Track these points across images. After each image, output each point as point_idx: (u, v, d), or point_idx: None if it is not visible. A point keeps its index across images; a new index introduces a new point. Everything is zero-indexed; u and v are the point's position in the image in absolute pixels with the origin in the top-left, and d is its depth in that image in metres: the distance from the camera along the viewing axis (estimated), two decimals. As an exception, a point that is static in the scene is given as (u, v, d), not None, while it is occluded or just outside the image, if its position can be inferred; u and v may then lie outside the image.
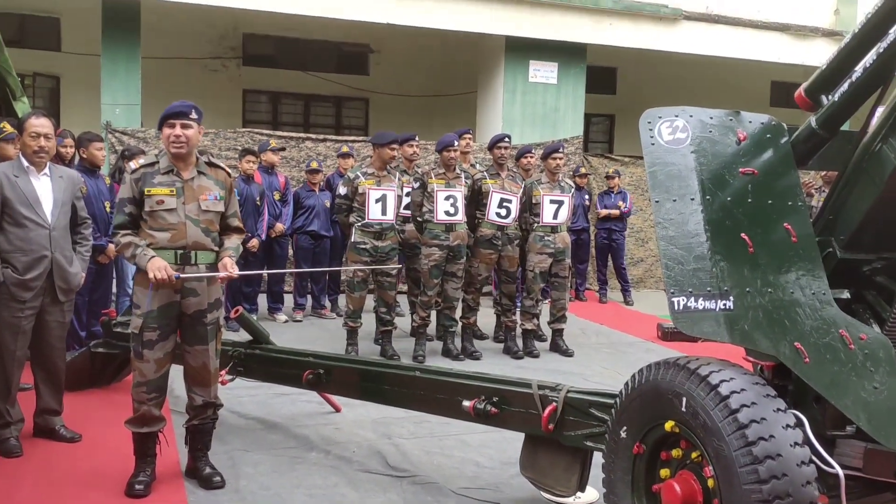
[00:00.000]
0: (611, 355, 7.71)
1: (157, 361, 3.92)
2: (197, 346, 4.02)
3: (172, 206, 3.90)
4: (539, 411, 3.60)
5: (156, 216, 3.89)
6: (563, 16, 11.49)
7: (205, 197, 3.97)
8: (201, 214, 3.96)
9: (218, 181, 4.06)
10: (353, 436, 4.98)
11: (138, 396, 3.95)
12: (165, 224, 3.90)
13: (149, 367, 3.91)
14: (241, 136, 10.15)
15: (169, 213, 3.90)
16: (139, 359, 3.92)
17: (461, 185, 7.11)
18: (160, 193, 3.89)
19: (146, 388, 3.93)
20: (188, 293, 3.94)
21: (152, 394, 3.95)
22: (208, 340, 4.02)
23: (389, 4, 10.70)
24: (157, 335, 3.90)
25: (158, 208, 3.89)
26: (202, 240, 3.96)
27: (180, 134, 3.87)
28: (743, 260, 2.97)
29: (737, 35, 12.46)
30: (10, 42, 6.55)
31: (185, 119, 3.89)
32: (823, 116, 3.19)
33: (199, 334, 4.01)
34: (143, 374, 3.92)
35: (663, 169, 3.06)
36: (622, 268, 11.00)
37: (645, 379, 2.99)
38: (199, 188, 3.98)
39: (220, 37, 13.04)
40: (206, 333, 4.01)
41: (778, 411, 2.67)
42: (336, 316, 8.82)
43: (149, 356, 3.90)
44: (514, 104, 11.70)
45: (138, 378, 3.95)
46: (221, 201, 4.05)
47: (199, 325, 4.00)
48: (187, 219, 3.92)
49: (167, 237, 3.90)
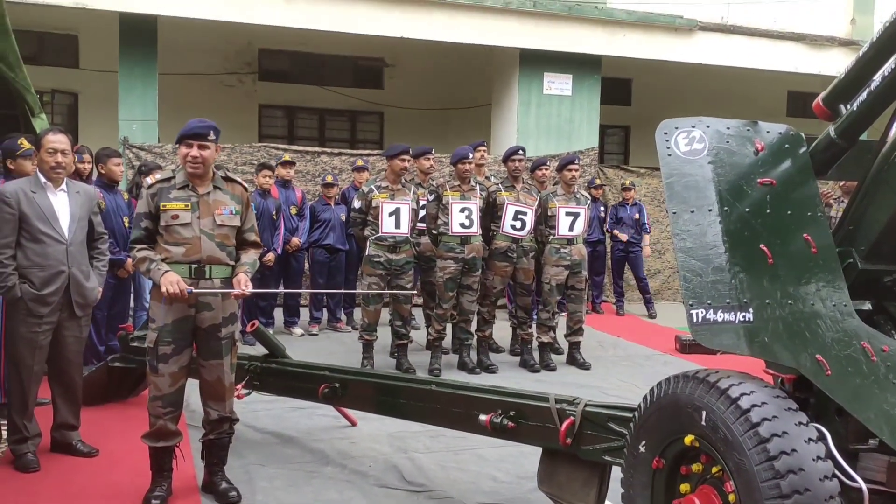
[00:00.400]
0: (628, 368, 7.66)
1: (171, 375, 3.93)
2: (212, 361, 4.02)
3: (187, 221, 3.91)
4: (557, 425, 3.57)
5: (171, 231, 3.91)
6: (577, 28, 11.49)
7: (220, 211, 3.98)
8: (216, 229, 3.97)
9: (234, 196, 4.07)
10: (368, 450, 4.96)
11: (154, 410, 3.96)
12: (180, 238, 3.91)
13: (164, 381, 3.92)
14: (256, 151, 10.19)
15: (184, 227, 3.91)
16: (154, 373, 3.93)
17: (476, 197, 7.10)
18: (175, 208, 3.91)
19: (161, 402, 3.94)
20: (203, 307, 3.95)
21: (168, 408, 3.95)
22: (223, 355, 4.03)
23: (403, 18, 10.74)
24: (172, 349, 3.91)
25: (173, 223, 3.91)
26: (217, 254, 3.97)
27: (197, 155, 3.90)
28: (762, 271, 2.93)
29: (752, 45, 12.41)
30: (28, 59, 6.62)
31: (202, 140, 3.91)
32: (842, 126, 3.15)
33: (213, 349, 4.01)
34: (158, 388, 3.93)
35: (680, 180, 3.04)
36: (643, 280, 10.91)
37: (664, 392, 2.95)
38: (215, 203, 3.99)
39: (236, 52, 13.14)
40: (220, 348, 4.02)
41: (800, 425, 2.63)
42: (352, 329, 8.82)
43: (163, 370, 3.91)
44: (529, 116, 11.69)
45: (154, 392, 3.95)
46: (237, 216, 4.06)
47: (213, 339, 4.00)
48: (202, 233, 3.93)
49: (182, 251, 3.92)
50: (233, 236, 4.06)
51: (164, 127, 10.45)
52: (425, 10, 10.81)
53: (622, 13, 11.60)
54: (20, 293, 4.36)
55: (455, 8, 10.90)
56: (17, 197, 4.39)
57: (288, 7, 10.27)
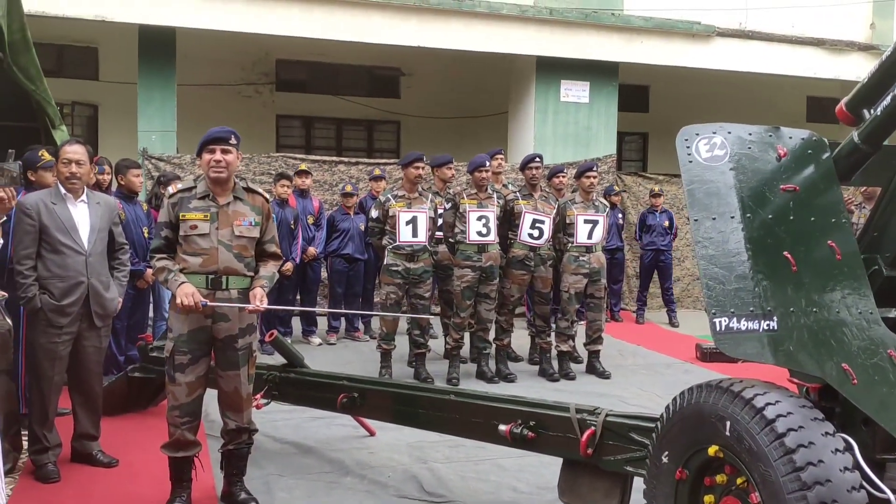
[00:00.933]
0: (648, 377, 7.59)
1: (188, 385, 3.93)
2: (229, 372, 4.02)
3: (205, 232, 3.92)
4: (577, 435, 3.53)
5: (189, 241, 3.93)
6: (594, 35, 11.45)
7: (239, 222, 3.99)
8: (234, 240, 3.97)
9: (255, 207, 4.07)
10: (387, 460, 4.93)
11: (172, 420, 3.97)
12: (198, 249, 3.92)
13: (181, 390, 3.93)
14: (274, 161, 10.23)
15: (202, 237, 3.92)
16: (172, 382, 3.95)
17: (493, 205, 7.08)
18: (194, 218, 3.92)
19: (179, 411, 3.95)
20: (219, 318, 3.95)
21: (185, 418, 3.96)
22: (240, 366, 4.02)
23: (419, 28, 10.76)
24: (188, 359, 3.92)
25: (192, 233, 3.92)
26: (234, 265, 3.97)
27: (220, 159, 3.91)
28: (786, 279, 2.89)
29: (771, 50, 12.32)
30: (49, 72, 6.67)
31: (225, 144, 3.93)
32: (866, 131, 3.10)
33: (230, 359, 4.01)
34: (175, 398, 3.95)
35: (702, 187, 3.01)
36: (669, 288, 10.82)
37: (687, 402, 2.91)
38: (234, 213, 3.99)
39: (254, 63, 13.21)
40: (237, 359, 4.01)
41: (826, 435, 2.59)
42: (369, 338, 8.81)
43: (180, 379, 3.92)
44: (546, 124, 11.66)
45: (172, 402, 3.97)
46: (257, 227, 4.05)
47: (229, 350, 4.00)
48: (219, 244, 3.94)
49: (199, 262, 3.92)
50: (251, 247, 4.05)
51: (183, 138, 10.51)
52: (441, 18, 10.82)
53: (639, 20, 11.56)
54: (40, 304, 4.38)
55: (471, 16, 10.90)
56: (38, 208, 4.42)
57: (305, 18, 10.32)
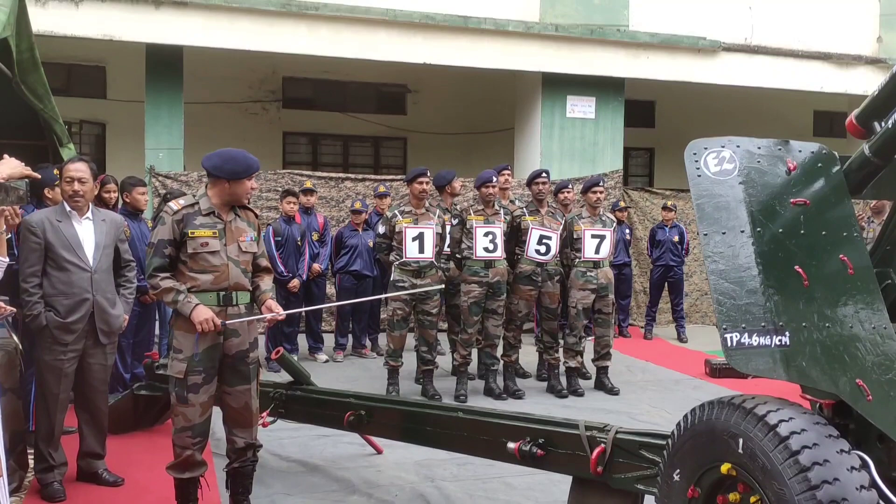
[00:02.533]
0: (658, 393, 7.53)
1: (202, 405, 3.90)
2: (239, 387, 3.99)
3: (216, 249, 3.90)
4: (587, 453, 3.49)
5: (198, 258, 3.88)
6: (600, 50, 11.46)
7: (243, 238, 4.01)
8: (241, 255, 3.98)
9: (250, 223, 4.10)
10: (395, 478, 4.89)
11: (182, 442, 3.91)
12: (209, 266, 3.89)
13: (194, 411, 3.88)
14: (281, 178, 10.25)
15: (213, 255, 3.90)
16: (184, 403, 3.88)
17: (500, 221, 7.06)
18: (204, 235, 3.89)
19: (191, 432, 3.90)
20: (230, 334, 3.94)
21: (197, 438, 3.92)
22: (251, 380, 4.02)
23: (425, 45, 10.78)
24: (203, 378, 3.88)
25: (203, 250, 3.88)
26: (242, 281, 3.98)
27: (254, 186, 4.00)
28: (798, 294, 2.85)
29: (777, 65, 12.30)
30: (57, 91, 6.69)
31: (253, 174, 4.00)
32: (877, 143, 3.07)
33: (242, 374, 4.00)
34: (187, 419, 3.89)
35: (711, 201, 2.98)
36: (679, 305, 10.75)
37: (698, 419, 2.87)
38: (238, 230, 4.01)
39: (260, 81, 13.26)
40: (248, 373, 4.01)
41: (841, 452, 2.54)
42: (377, 355, 8.77)
43: (194, 400, 3.88)
44: (553, 140, 11.66)
45: (182, 423, 3.90)
46: (255, 242, 4.09)
47: (241, 364, 3.99)
48: (229, 260, 3.93)
49: (210, 279, 3.90)
50: (251, 263, 4.09)
51: (190, 155, 10.53)
52: (447, 35, 10.84)
53: (645, 35, 11.56)
54: (45, 321, 4.37)
55: (477, 33, 10.92)
56: (43, 226, 4.42)
57: (311, 35, 10.35)
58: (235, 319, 3.91)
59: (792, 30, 12.23)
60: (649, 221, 11.58)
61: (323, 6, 10.21)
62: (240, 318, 3.94)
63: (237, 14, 10.02)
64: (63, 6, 9.50)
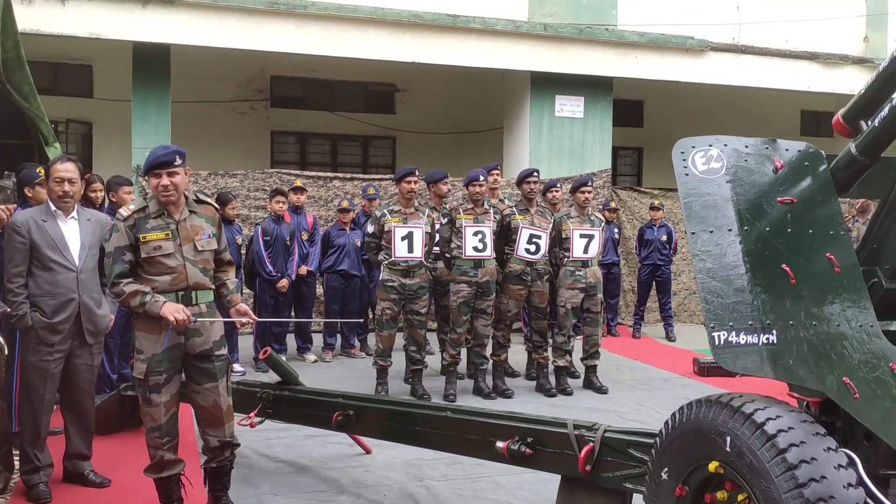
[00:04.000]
0: (646, 392, 7.55)
1: (165, 405, 3.89)
2: (206, 385, 3.97)
3: (170, 251, 3.88)
4: (575, 452, 3.49)
5: (153, 262, 3.86)
6: (588, 50, 11.48)
7: (199, 237, 3.96)
8: (198, 255, 3.96)
9: (209, 218, 4.06)
10: (383, 478, 4.88)
11: (153, 442, 3.93)
12: (164, 269, 3.87)
13: (158, 411, 3.88)
14: (269, 177, 10.21)
15: (167, 257, 3.87)
16: (148, 404, 3.88)
17: (490, 220, 7.05)
18: (156, 238, 3.86)
19: (158, 433, 3.90)
20: (192, 334, 3.92)
21: (165, 438, 3.92)
22: (218, 377, 3.99)
23: (414, 44, 10.77)
24: (164, 378, 3.87)
25: (156, 254, 3.85)
26: (201, 280, 3.96)
27: (167, 183, 3.86)
28: (785, 292, 2.86)
29: (765, 65, 12.35)
30: (44, 90, 6.65)
31: (170, 168, 3.88)
32: (864, 142, 3.08)
33: (207, 371, 3.97)
34: (153, 419, 3.89)
35: (698, 199, 2.98)
36: (667, 304, 10.78)
37: (686, 417, 2.87)
38: (193, 228, 3.97)
39: (248, 80, 13.21)
40: (214, 370, 3.98)
41: (829, 450, 2.55)
42: (366, 355, 8.75)
43: (157, 400, 3.87)
44: (541, 139, 11.67)
45: (150, 423, 3.91)
46: (214, 239, 4.04)
47: (206, 362, 3.97)
48: (185, 260, 3.91)
49: (168, 280, 3.88)
50: (212, 260, 4.05)
51: (178, 154, 10.48)
52: (436, 35, 10.83)
53: (633, 35, 11.59)
54: (31, 321, 4.34)
55: (465, 32, 10.92)
56: (28, 226, 4.38)
57: (299, 34, 10.32)
58: (207, 319, 3.90)
59: (779, 30, 12.28)
60: (637, 221, 11.61)
61: (311, 5, 10.18)
62: (202, 317, 3.92)
63: (225, 12, 9.98)
64: (49, 4, 9.44)
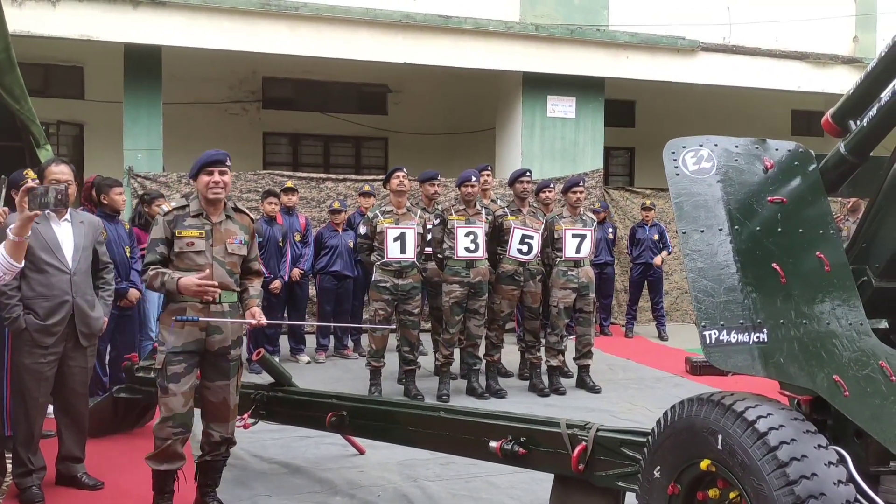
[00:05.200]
0: (639, 391, 7.57)
1: (183, 395, 3.98)
2: (219, 382, 4.09)
3: (201, 248, 4.03)
4: (568, 451, 3.51)
5: (184, 257, 4.02)
6: (580, 50, 11.51)
7: (231, 241, 4.12)
8: (227, 257, 4.09)
9: (243, 226, 4.22)
10: (377, 479, 4.88)
11: (163, 433, 3.98)
12: (193, 265, 4.01)
13: (176, 400, 3.96)
14: (261, 179, 10.20)
15: (197, 254, 4.03)
16: (165, 393, 3.98)
17: (482, 220, 7.07)
18: (190, 235, 4.03)
19: (172, 422, 3.97)
20: (213, 331, 4.04)
21: (178, 428, 3.99)
22: (230, 376, 4.12)
23: (406, 45, 10.78)
24: (183, 368, 3.98)
25: (188, 249, 4.02)
26: (226, 280, 4.08)
27: (219, 180, 4.05)
28: (775, 291, 2.89)
29: (755, 65, 12.41)
30: (34, 91, 6.64)
31: (222, 166, 4.08)
32: (853, 142, 3.11)
33: (222, 370, 4.09)
34: (170, 409, 3.97)
35: (689, 199, 3.00)
36: (659, 303, 10.82)
37: (678, 416, 2.89)
38: (227, 232, 4.12)
39: (240, 81, 13.20)
40: (228, 369, 4.11)
41: (819, 448, 2.57)
42: (359, 356, 8.75)
43: (175, 389, 3.96)
44: (533, 139, 11.69)
45: (164, 413, 3.99)
46: (245, 245, 4.19)
47: (223, 360, 4.09)
48: (214, 260, 4.05)
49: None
50: (240, 265, 4.19)
51: (169, 156, 10.48)
52: (428, 35, 10.85)
53: (624, 35, 11.63)
54: (24, 324, 4.33)
55: (457, 33, 10.93)
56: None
57: (292, 35, 10.32)
58: (217, 319, 4.00)
59: (770, 30, 12.34)
60: (630, 220, 11.64)
61: (303, 6, 10.18)
62: (223, 316, 4.04)
63: (217, 14, 9.97)
64: (40, 6, 9.42)
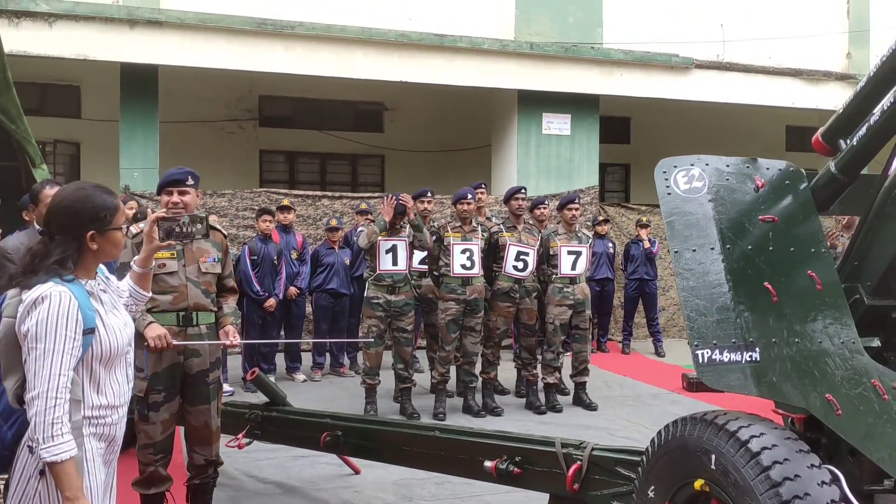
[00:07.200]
0: (636, 408, 7.56)
1: (163, 423, 3.96)
2: (199, 406, 4.07)
3: (174, 269, 3.98)
4: (563, 470, 3.50)
5: (157, 279, 3.91)
6: (575, 68, 11.57)
7: (204, 259, 4.06)
8: (201, 276, 4.05)
9: (216, 243, 4.15)
10: (373, 498, 4.86)
11: (145, 458, 3.98)
12: (167, 287, 3.96)
13: (155, 428, 3.94)
14: (257, 196, 10.20)
15: (170, 276, 3.97)
16: (145, 421, 3.95)
17: (478, 238, 7.08)
18: (161, 257, 3.92)
19: (153, 449, 3.96)
20: (191, 354, 4.00)
21: (158, 455, 3.98)
22: (210, 399, 4.08)
23: (402, 63, 10.83)
24: (163, 397, 3.94)
25: (160, 272, 3.93)
26: (202, 301, 4.03)
27: (178, 201, 3.96)
28: (767, 309, 2.89)
29: (749, 81, 12.48)
30: (31, 111, 6.66)
31: (182, 186, 3.99)
32: (843, 161, 3.13)
33: (201, 394, 4.06)
34: (149, 437, 3.95)
35: (681, 218, 3.01)
36: (655, 319, 10.82)
37: (672, 435, 2.88)
38: (199, 250, 4.06)
39: (237, 99, 13.24)
40: (208, 393, 4.08)
41: (812, 467, 2.56)
42: (355, 374, 8.73)
43: (155, 418, 3.94)
44: (529, 157, 11.73)
45: (144, 440, 3.97)
46: (219, 263, 4.14)
47: (201, 384, 4.05)
48: (188, 281, 4.00)
49: (169, 299, 3.96)
50: (215, 283, 4.14)
51: (166, 175, 10.46)
52: (424, 54, 10.90)
53: (619, 53, 11.69)
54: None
55: (453, 51, 10.99)
56: (19, 252, 4.36)
57: (288, 54, 10.37)
58: (187, 343, 3.96)
59: (763, 47, 12.42)
60: (626, 236, 11.65)
61: (299, 25, 10.23)
62: (200, 338, 4.00)
63: (213, 33, 10.01)
64: (36, 26, 9.45)
